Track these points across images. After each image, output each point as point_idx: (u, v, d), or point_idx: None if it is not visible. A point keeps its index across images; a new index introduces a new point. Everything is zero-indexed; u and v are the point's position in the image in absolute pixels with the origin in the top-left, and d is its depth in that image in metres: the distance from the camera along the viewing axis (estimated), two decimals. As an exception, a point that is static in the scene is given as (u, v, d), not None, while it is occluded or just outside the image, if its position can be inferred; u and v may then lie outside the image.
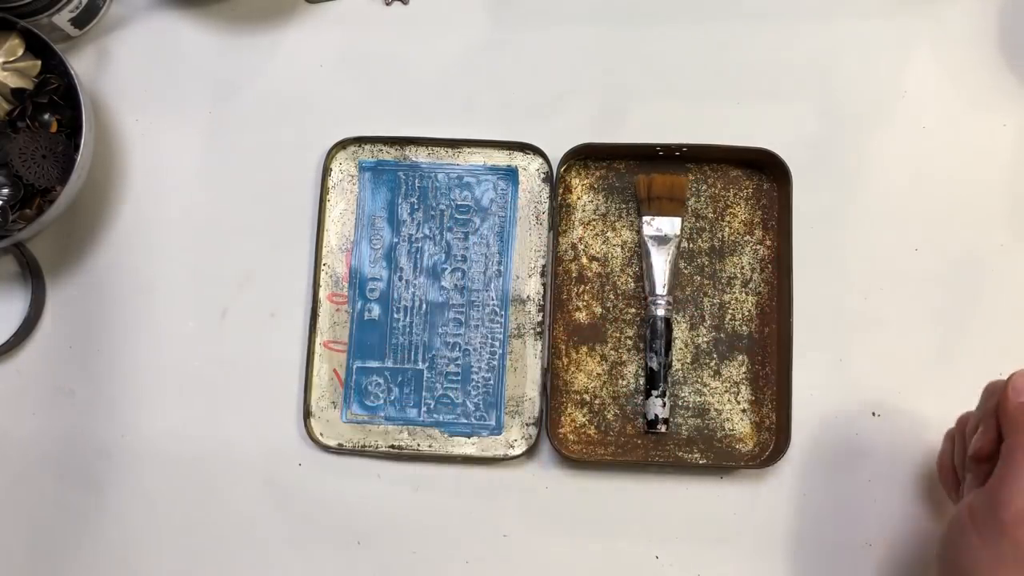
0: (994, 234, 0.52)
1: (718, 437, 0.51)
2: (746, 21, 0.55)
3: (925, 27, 0.54)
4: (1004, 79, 0.54)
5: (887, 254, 0.52)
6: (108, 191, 0.54)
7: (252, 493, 0.51)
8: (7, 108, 0.51)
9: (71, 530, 0.52)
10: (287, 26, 0.56)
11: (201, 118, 0.55)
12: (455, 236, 0.53)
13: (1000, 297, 0.52)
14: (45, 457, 0.52)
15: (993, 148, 0.53)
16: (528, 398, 0.51)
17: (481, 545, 0.51)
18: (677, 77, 0.55)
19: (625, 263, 0.53)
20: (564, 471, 0.51)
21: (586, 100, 0.55)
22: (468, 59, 0.55)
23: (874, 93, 0.54)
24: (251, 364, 0.53)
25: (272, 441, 0.52)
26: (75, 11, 0.53)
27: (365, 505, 0.51)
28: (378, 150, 0.54)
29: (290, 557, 0.51)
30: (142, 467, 0.52)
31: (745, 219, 0.53)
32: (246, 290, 0.53)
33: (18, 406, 0.53)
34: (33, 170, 0.50)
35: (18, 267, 0.54)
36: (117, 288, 0.54)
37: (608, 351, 0.52)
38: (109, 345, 0.53)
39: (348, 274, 0.53)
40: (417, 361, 0.52)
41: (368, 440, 0.51)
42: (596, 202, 0.53)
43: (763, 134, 0.52)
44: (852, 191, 0.53)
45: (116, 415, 0.52)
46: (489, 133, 0.53)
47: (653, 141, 0.52)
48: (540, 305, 0.52)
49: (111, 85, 0.55)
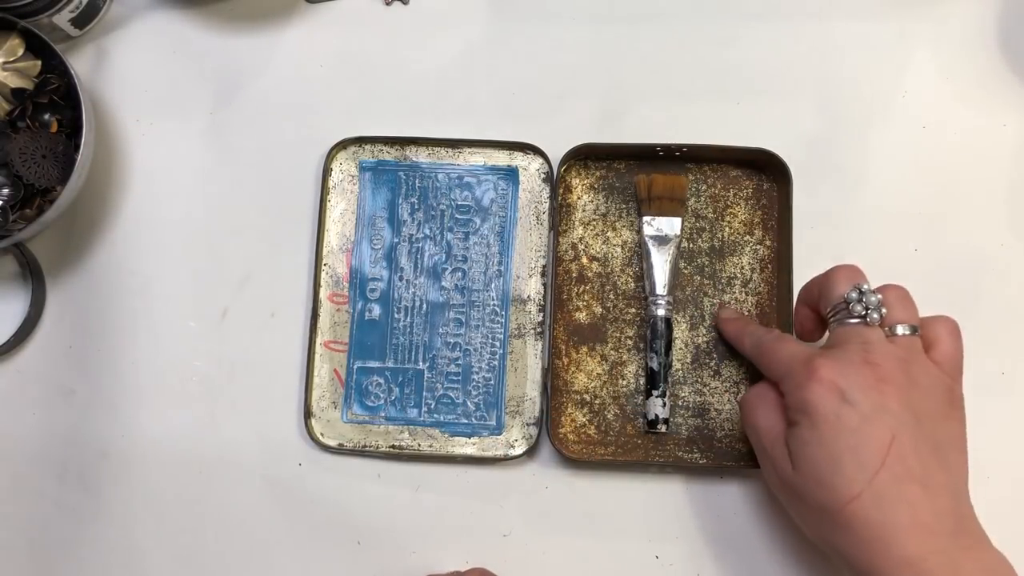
0: (994, 234, 0.53)
1: (718, 437, 0.51)
2: (746, 21, 0.55)
3: (925, 27, 0.55)
4: (1004, 79, 0.54)
5: (887, 254, 0.52)
6: (108, 191, 0.54)
7: (252, 493, 0.51)
8: (7, 108, 0.51)
9: (71, 530, 0.52)
10: (287, 26, 0.56)
11: (201, 118, 0.55)
12: (455, 236, 0.53)
13: (1000, 297, 0.52)
14: (45, 457, 0.52)
15: (993, 148, 0.53)
16: (528, 398, 0.51)
17: (481, 545, 0.51)
18: (677, 77, 0.55)
19: (625, 263, 0.53)
20: (564, 471, 0.51)
21: (586, 100, 0.55)
22: (468, 59, 0.55)
23: (874, 93, 0.54)
24: (251, 364, 0.53)
25: (272, 441, 0.52)
26: (75, 11, 0.53)
27: (365, 505, 0.51)
28: (378, 150, 0.54)
29: (290, 557, 0.51)
30: (142, 467, 0.52)
31: (745, 219, 0.53)
32: (246, 290, 0.53)
33: (18, 406, 0.53)
34: (33, 170, 0.50)
35: (18, 267, 0.54)
36: (117, 288, 0.54)
37: (608, 351, 0.52)
38: (109, 345, 0.53)
39: (348, 274, 0.53)
40: (417, 361, 0.52)
41: (368, 440, 0.51)
42: (596, 202, 0.53)
43: (763, 134, 0.52)
44: (852, 191, 0.53)
45: (116, 415, 0.52)
46: (489, 133, 0.53)
47: (653, 141, 0.52)
48: (540, 305, 0.52)
49: (111, 85, 0.55)
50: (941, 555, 0.38)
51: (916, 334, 0.42)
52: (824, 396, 0.40)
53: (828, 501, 0.40)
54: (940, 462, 0.40)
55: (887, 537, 0.38)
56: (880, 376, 0.40)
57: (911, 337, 0.42)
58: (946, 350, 0.42)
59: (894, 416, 0.39)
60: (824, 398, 0.40)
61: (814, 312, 0.46)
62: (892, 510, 0.38)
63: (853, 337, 0.42)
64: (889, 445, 0.39)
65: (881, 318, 0.42)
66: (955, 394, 0.42)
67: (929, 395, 0.41)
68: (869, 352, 0.41)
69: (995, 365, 0.51)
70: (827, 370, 0.40)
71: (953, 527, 0.39)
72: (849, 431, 0.39)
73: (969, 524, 0.40)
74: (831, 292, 0.44)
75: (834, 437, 0.40)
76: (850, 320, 0.42)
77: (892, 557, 0.38)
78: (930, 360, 0.42)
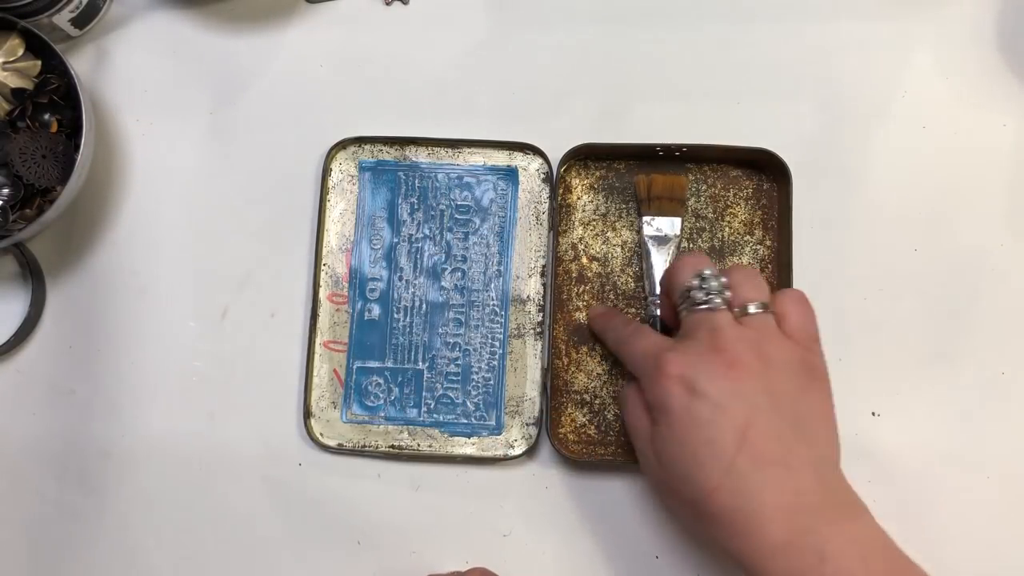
0: (994, 234, 0.53)
1: (718, 437, 0.51)
2: (746, 21, 0.55)
3: (925, 27, 0.54)
4: (1004, 79, 0.54)
5: (887, 254, 0.52)
6: (108, 191, 0.54)
7: (252, 493, 0.51)
8: (7, 108, 0.51)
9: (71, 530, 0.52)
10: (287, 26, 0.56)
11: (201, 118, 0.55)
12: (455, 236, 0.53)
13: (1000, 297, 0.52)
14: (45, 457, 0.52)
15: (993, 148, 0.53)
16: (528, 398, 0.51)
17: (481, 545, 0.51)
18: (677, 77, 0.55)
19: (625, 263, 0.53)
20: (564, 471, 0.51)
21: (586, 100, 0.55)
22: (468, 59, 0.55)
23: (874, 93, 0.54)
24: (251, 364, 0.53)
25: (272, 441, 0.52)
26: (75, 11, 0.53)
27: (365, 505, 0.51)
28: (378, 150, 0.54)
29: (290, 557, 0.51)
30: (142, 467, 0.52)
31: (745, 219, 0.53)
32: (246, 290, 0.53)
33: (18, 406, 0.53)
34: (33, 170, 0.50)
35: (18, 267, 0.54)
36: (117, 288, 0.54)
37: (608, 351, 0.52)
38: (109, 345, 0.53)
39: (348, 274, 0.53)
40: (417, 361, 0.52)
41: (368, 440, 0.51)
42: (596, 202, 0.53)
43: (763, 134, 0.52)
44: (852, 191, 0.53)
45: (116, 415, 0.52)
46: (489, 133, 0.53)
47: (653, 141, 0.52)
48: (540, 305, 0.52)
49: (111, 85, 0.55)
50: (808, 534, 0.37)
51: (767, 311, 0.41)
52: (673, 392, 0.40)
53: (692, 496, 0.39)
54: (801, 437, 0.39)
55: (751, 524, 0.38)
56: (729, 362, 0.39)
57: (762, 315, 0.41)
58: (796, 321, 0.42)
59: (746, 400, 0.39)
60: (673, 394, 0.40)
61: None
62: (752, 497, 0.38)
63: (701, 324, 0.41)
64: (743, 432, 0.38)
65: (726, 302, 0.41)
66: (812, 364, 0.41)
67: (785, 371, 0.40)
68: (716, 338, 0.40)
69: (995, 365, 0.51)
70: (675, 364, 0.40)
71: (819, 502, 0.38)
72: (702, 424, 0.39)
73: (839, 496, 0.40)
74: (675, 281, 0.43)
75: (688, 433, 0.39)
76: (696, 308, 0.42)
77: (760, 544, 0.38)
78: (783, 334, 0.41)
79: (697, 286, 0.42)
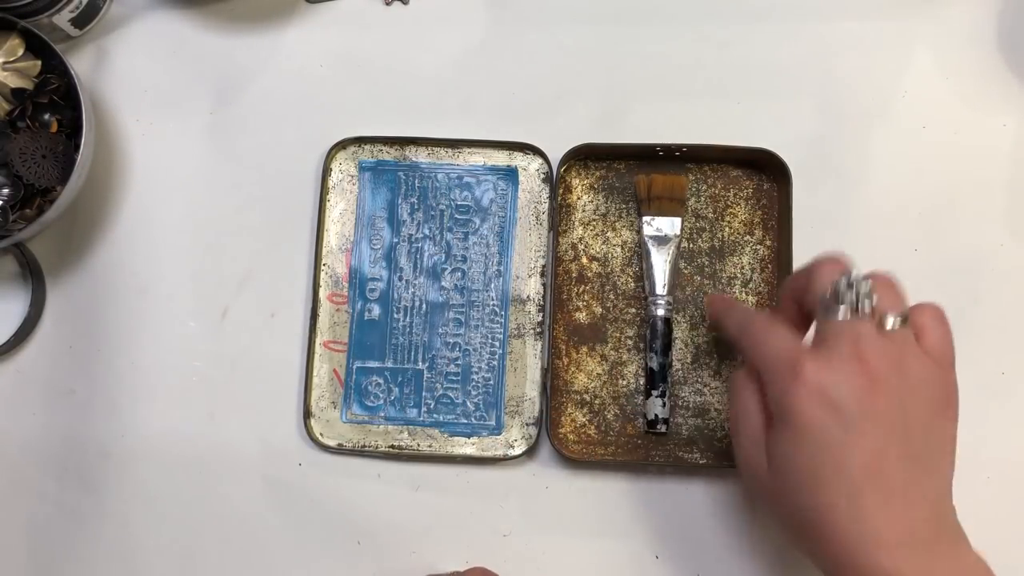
0: (993, 234, 0.53)
1: (718, 437, 0.51)
2: (746, 21, 0.55)
3: (925, 27, 0.55)
4: (1004, 79, 0.54)
5: (887, 254, 0.52)
6: (108, 191, 0.54)
7: (252, 493, 0.51)
8: (7, 108, 0.51)
9: (71, 530, 0.52)
10: (287, 26, 0.56)
11: (201, 118, 0.55)
12: (455, 236, 0.53)
13: (1000, 297, 0.52)
14: (45, 457, 0.52)
15: (993, 148, 0.53)
16: (528, 398, 0.51)
17: (481, 545, 0.51)
18: (677, 77, 0.55)
19: (625, 263, 0.53)
20: (564, 471, 0.51)
21: (586, 100, 0.55)
22: (468, 59, 0.55)
23: (874, 93, 0.54)
24: (251, 364, 0.53)
25: (272, 441, 0.52)
26: (75, 11, 0.53)
27: (365, 505, 0.51)
28: (378, 150, 0.54)
29: (290, 557, 0.51)
30: (142, 467, 0.52)
31: (745, 219, 0.53)
32: (246, 290, 0.53)
33: (18, 406, 0.53)
34: (33, 170, 0.50)
35: (18, 267, 0.54)
36: (117, 288, 0.54)
37: (608, 351, 0.52)
38: (109, 345, 0.53)
39: (348, 274, 0.53)
40: (417, 361, 0.52)
41: (368, 440, 0.51)
42: (596, 202, 0.53)
43: (763, 134, 0.52)
44: (852, 191, 0.53)
45: (116, 415, 0.52)
46: (489, 133, 0.53)
47: (653, 141, 0.52)
48: (540, 305, 0.52)
49: (111, 85, 0.55)
50: (915, 566, 0.37)
51: (906, 324, 0.39)
52: (808, 403, 0.38)
53: (802, 506, 0.38)
54: (925, 467, 0.38)
55: (861, 549, 0.37)
56: (871, 376, 0.37)
57: (903, 329, 0.39)
58: (936, 339, 0.40)
59: (881, 425, 0.37)
60: (809, 405, 0.38)
61: (799, 306, 0.43)
62: (868, 523, 0.37)
63: (844, 332, 0.38)
64: (873, 461, 0.37)
65: (872, 308, 0.38)
66: (949, 388, 0.40)
67: (922, 392, 0.38)
68: (861, 350, 0.38)
69: (995, 365, 0.51)
70: (813, 372, 0.38)
71: (930, 535, 0.38)
72: (833, 444, 0.37)
73: (948, 529, 0.39)
74: (818, 282, 0.41)
75: (816, 449, 0.38)
76: (839, 312, 0.39)
77: (865, 568, 0.37)
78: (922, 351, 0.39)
79: (846, 288, 0.39)
